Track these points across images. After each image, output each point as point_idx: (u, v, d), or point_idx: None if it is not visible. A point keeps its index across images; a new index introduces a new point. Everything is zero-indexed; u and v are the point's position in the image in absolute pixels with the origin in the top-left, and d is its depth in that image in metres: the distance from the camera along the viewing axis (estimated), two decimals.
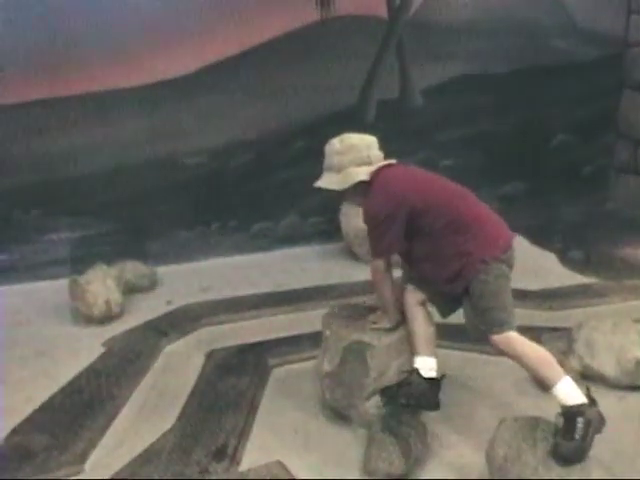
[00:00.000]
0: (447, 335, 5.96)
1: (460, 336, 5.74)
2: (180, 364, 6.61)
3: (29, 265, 9.19)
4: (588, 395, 4.41)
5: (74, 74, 8.92)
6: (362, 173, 4.94)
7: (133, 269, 8.64)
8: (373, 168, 4.99)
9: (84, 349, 6.96)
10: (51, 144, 9.02)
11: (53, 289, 8.49)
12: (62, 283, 8.13)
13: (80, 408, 5.85)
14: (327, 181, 5.03)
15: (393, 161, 5.19)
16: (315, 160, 5.39)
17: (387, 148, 5.25)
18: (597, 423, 4.30)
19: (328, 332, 5.51)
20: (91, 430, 5.52)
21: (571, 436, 4.19)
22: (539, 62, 10.49)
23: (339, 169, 4.99)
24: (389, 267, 5.08)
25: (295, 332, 6.96)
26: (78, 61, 8.91)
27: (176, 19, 9.22)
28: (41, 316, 8.01)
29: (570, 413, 4.31)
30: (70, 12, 8.80)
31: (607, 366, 5.78)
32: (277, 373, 6.34)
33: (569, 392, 4.40)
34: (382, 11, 9.95)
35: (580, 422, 4.24)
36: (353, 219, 9.05)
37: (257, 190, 9.81)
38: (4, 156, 8.91)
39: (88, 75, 8.99)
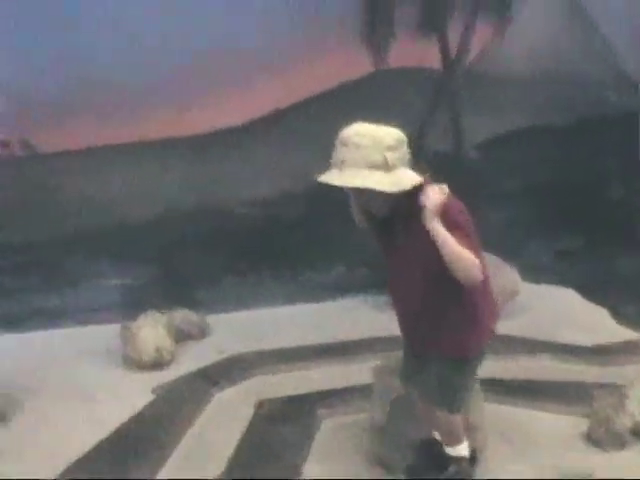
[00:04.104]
0: (493, 389, 5.91)
1: (511, 392, 5.67)
2: (229, 413, 6.58)
3: (80, 310, 9.23)
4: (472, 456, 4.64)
5: (125, 122, 9.03)
6: (416, 177, 4.17)
7: (184, 317, 8.65)
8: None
9: (133, 395, 6.96)
10: (102, 190, 9.11)
11: (104, 334, 8.51)
12: (113, 328, 8.16)
13: (127, 455, 5.83)
14: (375, 180, 4.03)
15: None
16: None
17: None
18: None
19: (378, 384, 5.47)
20: (137, 478, 5.50)
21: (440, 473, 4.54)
22: (594, 113, 10.45)
23: (389, 167, 4.08)
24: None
25: (345, 384, 6.89)
26: (129, 109, 9.01)
27: (228, 69, 9.30)
28: (91, 361, 8.03)
29: (450, 458, 4.62)
30: (121, 62, 8.92)
31: None
32: (326, 425, 6.28)
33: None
34: (436, 62, 9.98)
35: (453, 469, 4.58)
36: None
37: (307, 240, 9.81)
38: (56, 202, 9.01)
39: (140, 123, 9.09)
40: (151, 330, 7.76)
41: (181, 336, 8.46)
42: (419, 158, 10.01)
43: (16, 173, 9.31)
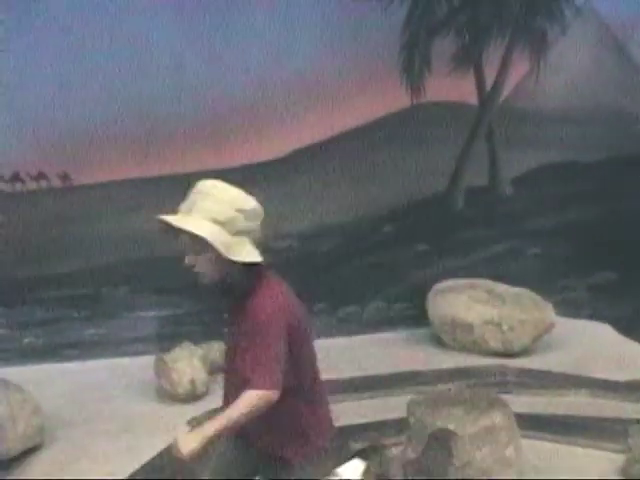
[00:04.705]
0: (527, 424, 5.88)
1: (547, 427, 5.65)
2: None
3: (116, 341, 9.30)
4: None
5: (164, 154, 9.10)
6: (256, 256, 3.74)
7: (219, 349, 8.65)
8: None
9: (167, 427, 6.97)
10: (141, 222, 9.18)
11: (139, 365, 8.56)
12: (148, 360, 8.19)
13: None
14: (210, 232, 3.55)
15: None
16: (403, 245, 5.33)
17: (475, 236, 5.16)
18: None
19: (413, 419, 5.46)
20: None
21: None
22: (628, 149, 10.42)
23: (234, 230, 3.62)
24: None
25: (379, 417, 6.89)
26: (169, 142, 9.09)
27: (268, 103, 9.36)
28: (126, 392, 8.07)
29: None
30: (161, 95, 9.01)
31: None
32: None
33: None
34: (472, 97, 10.01)
35: None
36: (440, 306, 9.02)
37: (345, 274, 9.83)
38: (94, 234, 9.09)
39: (178, 156, 9.17)
40: (186, 362, 7.78)
41: (216, 368, 8.47)
42: (454, 193, 10.10)
43: (55, 205, 9.41)
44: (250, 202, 3.75)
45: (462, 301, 8.94)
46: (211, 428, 3.60)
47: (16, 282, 9.48)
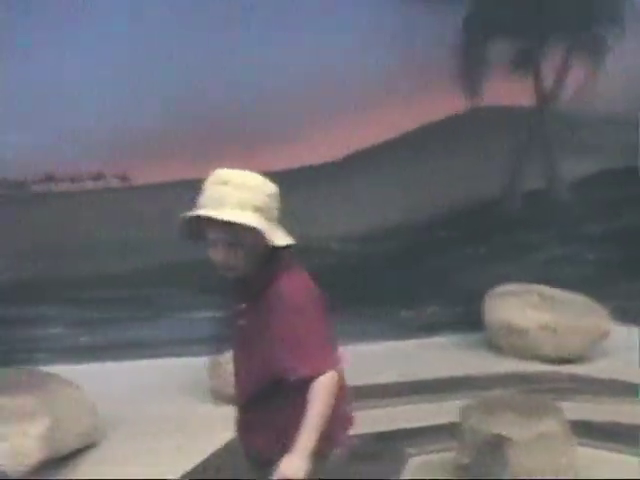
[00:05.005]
0: (581, 432, 5.83)
1: (600, 434, 5.59)
2: None
3: (171, 341, 9.34)
4: None
5: (222, 156, 9.13)
6: (288, 239, 3.58)
7: None
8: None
9: (220, 428, 6.99)
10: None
11: (193, 366, 8.59)
12: (202, 361, 8.22)
13: None
14: (257, 222, 3.42)
15: None
16: (459, 249, 5.28)
17: (531, 240, 5.10)
18: None
19: (466, 424, 5.44)
20: None
21: None
22: None
23: (268, 216, 3.52)
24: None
25: (433, 422, 6.86)
26: (226, 144, 9.13)
27: (323, 105, 9.38)
28: (180, 393, 8.11)
29: None
30: (219, 97, 9.06)
31: None
32: (413, 463, 6.25)
33: None
34: (530, 101, 9.94)
35: None
36: (495, 310, 8.97)
37: (401, 278, 9.80)
38: (150, 234, 9.14)
39: (236, 158, 9.21)
40: None
41: None
42: (511, 197, 10.04)
43: (111, 205, 9.50)
44: (273, 186, 3.61)
45: (517, 306, 8.90)
46: (308, 441, 3.39)
47: (72, 282, 9.58)
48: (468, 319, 9.98)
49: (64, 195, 9.58)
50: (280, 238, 3.49)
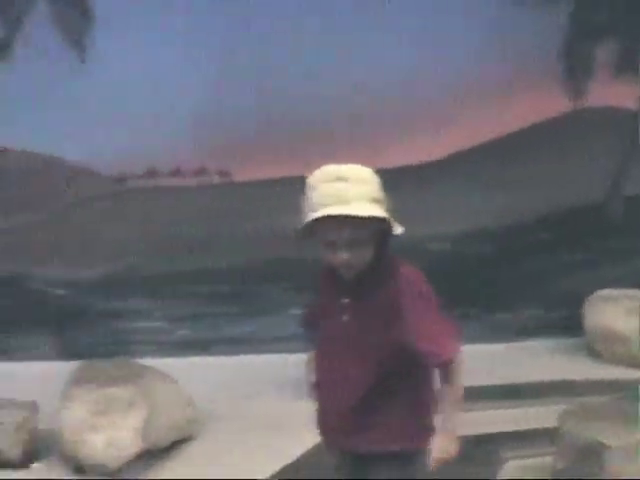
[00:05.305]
0: None
1: None
2: None
3: (268, 338, 9.40)
4: None
5: (322, 154, 9.17)
6: (400, 227, 3.41)
7: None
8: None
9: (315, 427, 7.02)
10: (294, 220, 9.29)
11: (291, 363, 8.62)
12: (300, 358, 8.24)
13: None
14: (384, 214, 3.33)
15: None
16: (559, 252, 5.22)
17: (633, 245, 5.02)
18: None
19: (564, 429, 5.38)
20: None
21: None
22: None
23: (385, 207, 3.40)
24: None
25: (530, 426, 6.81)
26: (327, 142, 9.17)
27: (421, 106, 9.37)
28: (276, 389, 8.16)
29: None
30: (319, 96, 9.10)
31: None
32: (509, 466, 6.21)
33: None
34: (635, 104, 9.80)
35: None
36: (595, 316, 8.86)
37: (497, 280, 9.74)
38: (250, 231, 9.23)
39: (335, 156, 9.23)
40: None
41: None
42: (613, 200, 9.91)
43: (213, 200, 9.61)
44: (377, 177, 3.44)
45: (618, 312, 8.77)
46: (452, 422, 3.53)
47: (172, 276, 9.72)
48: (566, 323, 9.86)
49: (165, 190, 9.73)
50: (398, 227, 3.38)
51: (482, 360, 9.06)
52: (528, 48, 9.64)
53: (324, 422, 3.99)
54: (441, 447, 3.46)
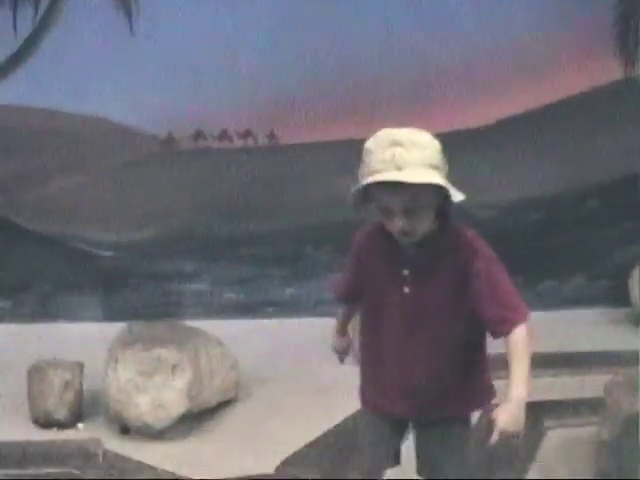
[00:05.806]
0: None
1: None
2: None
3: (315, 301, 9.41)
4: None
5: (370, 118, 9.13)
6: (460, 194, 3.33)
7: None
8: None
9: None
10: (346, 185, 9.27)
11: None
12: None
13: (351, 449, 5.89)
14: (442, 181, 3.23)
15: None
16: (608, 221, 5.12)
17: None
18: None
19: (609, 400, 5.34)
20: (356, 472, 5.56)
21: None
22: None
23: (445, 173, 3.34)
24: None
25: (574, 396, 6.77)
26: (374, 105, 9.13)
27: (476, 70, 9.29)
28: (322, 353, 8.14)
29: None
30: (368, 59, 9.08)
31: None
32: (552, 435, 6.18)
33: None
34: None
35: None
36: None
37: (546, 248, 9.67)
38: (298, 194, 9.23)
39: (383, 120, 9.17)
40: None
41: None
42: None
43: (260, 164, 9.61)
44: (437, 142, 3.32)
45: None
46: (521, 389, 3.39)
47: (219, 239, 9.75)
48: (613, 294, 9.78)
49: (212, 152, 9.74)
50: (457, 194, 3.30)
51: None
52: (585, 16, 9.53)
53: (379, 394, 3.98)
54: (508, 418, 3.22)
